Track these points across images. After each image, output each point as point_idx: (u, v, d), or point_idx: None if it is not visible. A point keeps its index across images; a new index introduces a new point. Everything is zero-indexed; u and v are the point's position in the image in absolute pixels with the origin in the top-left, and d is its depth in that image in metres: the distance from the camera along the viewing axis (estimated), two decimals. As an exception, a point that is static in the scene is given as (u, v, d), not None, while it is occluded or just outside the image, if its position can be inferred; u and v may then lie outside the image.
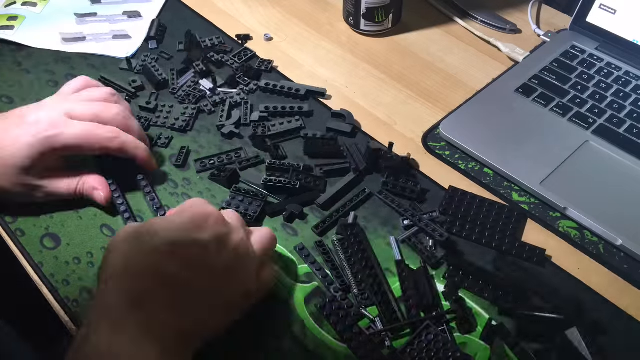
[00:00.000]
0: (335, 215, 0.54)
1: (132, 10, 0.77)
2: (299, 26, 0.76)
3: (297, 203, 0.54)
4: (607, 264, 0.51)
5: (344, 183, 0.56)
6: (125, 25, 0.75)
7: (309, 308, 0.48)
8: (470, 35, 0.74)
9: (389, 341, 0.45)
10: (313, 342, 0.46)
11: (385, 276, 0.49)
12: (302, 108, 0.63)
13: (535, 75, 0.65)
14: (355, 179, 0.56)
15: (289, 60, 0.71)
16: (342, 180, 0.56)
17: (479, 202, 0.54)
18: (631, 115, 0.60)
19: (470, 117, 0.62)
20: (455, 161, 0.59)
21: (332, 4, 0.79)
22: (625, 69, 0.64)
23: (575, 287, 0.49)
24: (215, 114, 0.64)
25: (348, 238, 0.51)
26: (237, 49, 0.71)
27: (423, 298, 0.47)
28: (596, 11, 0.67)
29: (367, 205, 0.55)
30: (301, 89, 0.65)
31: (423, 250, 0.51)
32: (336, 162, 0.58)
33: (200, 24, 0.75)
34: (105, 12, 0.77)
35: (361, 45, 0.73)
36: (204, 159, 0.59)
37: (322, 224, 0.53)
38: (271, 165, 0.56)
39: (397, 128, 0.63)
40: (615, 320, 0.47)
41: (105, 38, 0.73)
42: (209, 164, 0.58)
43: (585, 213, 0.52)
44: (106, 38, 0.73)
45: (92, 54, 0.71)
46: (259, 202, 0.54)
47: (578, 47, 0.68)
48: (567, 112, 0.61)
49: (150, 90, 0.66)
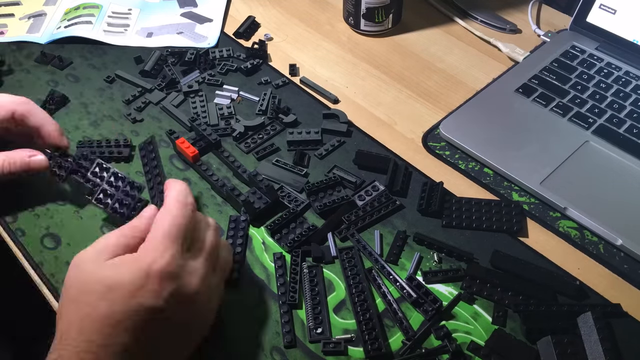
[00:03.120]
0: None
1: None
2: (299, 26, 0.76)
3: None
4: (607, 264, 0.51)
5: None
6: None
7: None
8: (470, 35, 0.74)
9: None
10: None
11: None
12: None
13: (535, 75, 0.65)
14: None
15: (289, 60, 0.71)
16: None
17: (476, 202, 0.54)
18: (631, 115, 0.60)
19: (470, 117, 0.62)
20: (455, 161, 0.59)
21: (332, 4, 0.79)
22: (625, 69, 0.64)
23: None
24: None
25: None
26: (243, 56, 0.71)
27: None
28: (596, 11, 0.67)
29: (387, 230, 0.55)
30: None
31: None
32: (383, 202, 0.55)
33: (200, 24, 0.76)
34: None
35: (361, 45, 0.73)
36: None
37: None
38: (311, 189, 0.55)
39: (397, 128, 0.63)
40: (615, 320, 0.47)
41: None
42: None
43: (585, 213, 0.52)
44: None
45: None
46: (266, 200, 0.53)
47: (578, 47, 0.68)
48: (567, 112, 0.61)
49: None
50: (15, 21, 0.76)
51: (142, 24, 0.76)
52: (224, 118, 0.63)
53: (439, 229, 0.53)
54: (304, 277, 0.50)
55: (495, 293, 0.48)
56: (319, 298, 0.49)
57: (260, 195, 0.54)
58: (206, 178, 0.57)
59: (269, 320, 0.48)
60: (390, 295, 0.48)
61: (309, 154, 0.60)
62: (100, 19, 0.75)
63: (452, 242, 0.52)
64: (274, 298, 0.49)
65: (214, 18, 0.76)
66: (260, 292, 0.49)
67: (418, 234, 0.52)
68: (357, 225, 0.53)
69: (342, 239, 0.53)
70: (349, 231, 0.53)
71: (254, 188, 0.55)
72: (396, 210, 0.55)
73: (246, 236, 0.53)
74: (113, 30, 0.74)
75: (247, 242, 0.52)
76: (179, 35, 0.74)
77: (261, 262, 0.51)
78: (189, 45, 0.72)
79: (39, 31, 0.74)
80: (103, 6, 0.77)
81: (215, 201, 0.56)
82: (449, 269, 0.50)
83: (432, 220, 0.54)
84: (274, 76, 0.68)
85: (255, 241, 0.53)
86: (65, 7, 0.78)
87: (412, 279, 0.49)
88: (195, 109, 0.64)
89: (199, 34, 0.74)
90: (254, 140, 0.61)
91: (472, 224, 0.53)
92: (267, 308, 0.48)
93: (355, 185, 0.56)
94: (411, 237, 0.53)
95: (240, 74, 0.69)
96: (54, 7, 0.78)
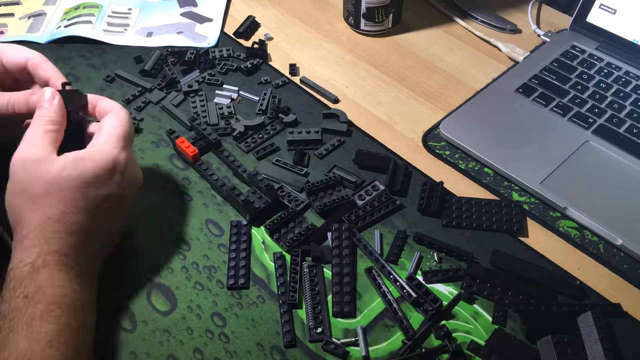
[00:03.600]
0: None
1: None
2: (299, 26, 0.76)
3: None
4: (607, 263, 0.51)
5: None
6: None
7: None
8: (470, 35, 0.74)
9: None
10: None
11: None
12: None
13: (535, 75, 0.65)
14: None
15: (289, 60, 0.71)
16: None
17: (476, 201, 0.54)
18: (631, 115, 0.60)
19: (470, 117, 0.62)
20: (455, 161, 0.59)
21: (332, 4, 0.79)
22: (625, 69, 0.64)
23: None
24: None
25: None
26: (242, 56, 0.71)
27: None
28: (596, 11, 0.67)
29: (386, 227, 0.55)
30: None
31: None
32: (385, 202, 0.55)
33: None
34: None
35: (361, 45, 0.73)
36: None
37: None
38: (311, 188, 0.55)
39: (397, 128, 0.63)
40: (615, 320, 0.47)
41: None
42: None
43: (585, 213, 0.52)
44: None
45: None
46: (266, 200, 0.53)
47: (578, 47, 0.68)
48: (567, 112, 0.61)
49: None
50: (15, 21, 0.76)
51: (142, 23, 0.76)
52: (224, 118, 0.63)
53: (439, 229, 0.53)
54: (304, 276, 0.50)
55: (496, 293, 0.48)
56: (319, 298, 0.49)
57: (260, 195, 0.54)
58: (206, 177, 0.57)
59: (269, 320, 0.48)
60: (390, 295, 0.49)
61: (309, 153, 0.60)
62: (100, 18, 0.75)
63: (452, 241, 0.52)
64: (273, 298, 0.49)
65: (214, 18, 0.76)
66: (260, 291, 0.50)
67: (418, 233, 0.52)
68: (357, 224, 0.53)
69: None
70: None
71: (254, 187, 0.55)
72: (396, 210, 0.55)
73: (249, 240, 0.53)
74: (113, 30, 0.74)
75: (250, 246, 0.53)
76: (179, 35, 0.74)
77: (261, 262, 0.51)
78: (189, 45, 0.72)
79: (38, 31, 0.74)
80: (103, 6, 0.77)
81: (215, 200, 0.56)
82: (449, 268, 0.50)
83: (432, 220, 0.54)
84: (274, 76, 0.68)
85: (255, 241, 0.53)
86: (65, 6, 0.78)
87: (412, 278, 0.49)
88: (195, 108, 0.64)
89: (199, 33, 0.74)
90: (254, 140, 0.61)
91: (472, 224, 0.53)
92: (267, 308, 0.48)
93: (355, 185, 0.56)
94: (411, 237, 0.53)
95: (240, 74, 0.68)
96: (54, 6, 0.78)
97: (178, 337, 0.47)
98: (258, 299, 0.49)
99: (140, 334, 0.47)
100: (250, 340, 0.47)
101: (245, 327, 0.47)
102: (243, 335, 0.47)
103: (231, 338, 0.47)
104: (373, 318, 0.48)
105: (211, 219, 0.55)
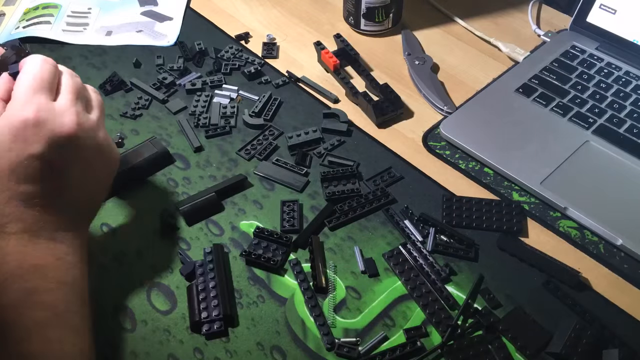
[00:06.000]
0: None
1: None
2: (299, 26, 0.76)
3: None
4: (607, 263, 0.51)
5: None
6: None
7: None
8: (470, 35, 0.74)
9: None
10: (314, 343, 0.46)
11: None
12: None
13: (536, 75, 0.65)
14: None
15: (290, 60, 0.71)
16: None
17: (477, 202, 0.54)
18: (631, 115, 0.60)
19: (470, 117, 0.62)
20: (456, 161, 0.59)
21: (332, 4, 0.79)
22: (626, 69, 0.64)
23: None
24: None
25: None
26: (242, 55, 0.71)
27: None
28: (596, 11, 0.67)
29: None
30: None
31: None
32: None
33: (201, 24, 0.75)
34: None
35: (361, 45, 0.73)
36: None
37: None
38: (326, 176, 0.56)
39: (397, 128, 0.63)
40: (615, 320, 0.47)
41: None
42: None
43: (585, 213, 0.52)
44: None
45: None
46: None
47: (578, 47, 0.68)
48: (567, 112, 0.61)
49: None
50: (-27, 21, 0.76)
51: (102, 22, 0.76)
52: (225, 117, 0.63)
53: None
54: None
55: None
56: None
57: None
58: (343, 85, 0.66)
59: (269, 319, 0.48)
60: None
61: (310, 154, 0.60)
62: (59, 18, 0.75)
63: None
64: (274, 297, 0.49)
65: (174, 16, 0.76)
66: (260, 291, 0.50)
67: (423, 214, 0.53)
68: (347, 216, 0.54)
69: (332, 228, 0.53)
70: (339, 220, 0.54)
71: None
72: (390, 203, 0.55)
73: (301, 216, 0.54)
74: (72, 30, 0.74)
75: (302, 219, 0.54)
76: (139, 33, 0.74)
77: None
78: (148, 43, 0.72)
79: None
80: (62, 6, 0.77)
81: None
82: (459, 247, 0.52)
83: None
84: (274, 76, 0.68)
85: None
86: (24, 7, 0.77)
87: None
88: (196, 107, 0.64)
89: (158, 32, 0.74)
90: (253, 147, 0.61)
91: (472, 224, 0.53)
92: (267, 308, 0.48)
93: (353, 170, 0.57)
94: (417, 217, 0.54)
95: (240, 74, 0.69)
96: (13, 7, 0.78)
97: (178, 337, 0.47)
98: (258, 298, 0.49)
99: (140, 334, 0.47)
100: (250, 340, 0.47)
101: (245, 327, 0.47)
102: (243, 335, 0.47)
103: (231, 338, 0.47)
104: (373, 318, 0.48)
105: (211, 219, 0.55)
